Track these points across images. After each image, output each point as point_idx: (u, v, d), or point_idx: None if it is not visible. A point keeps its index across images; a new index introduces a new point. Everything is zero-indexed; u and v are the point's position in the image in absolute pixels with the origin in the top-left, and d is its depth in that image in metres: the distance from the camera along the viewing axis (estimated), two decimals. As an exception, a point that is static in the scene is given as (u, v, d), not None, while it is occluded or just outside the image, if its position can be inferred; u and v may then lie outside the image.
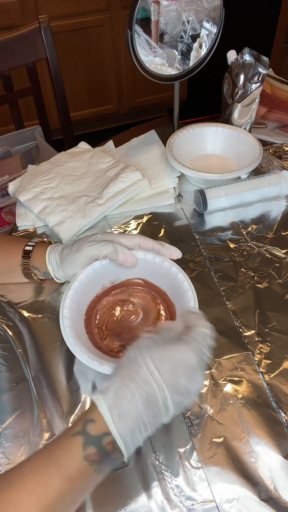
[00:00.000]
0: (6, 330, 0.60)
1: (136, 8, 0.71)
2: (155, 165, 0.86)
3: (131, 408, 0.35)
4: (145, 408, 0.35)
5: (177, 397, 0.37)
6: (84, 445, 0.35)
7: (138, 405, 0.35)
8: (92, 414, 0.36)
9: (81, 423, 0.36)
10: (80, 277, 0.55)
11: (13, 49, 1.06)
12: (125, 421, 0.35)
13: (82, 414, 0.37)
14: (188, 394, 0.38)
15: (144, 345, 0.39)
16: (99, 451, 0.35)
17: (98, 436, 0.35)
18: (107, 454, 0.35)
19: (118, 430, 0.35)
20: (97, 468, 0.35)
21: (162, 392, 0.36)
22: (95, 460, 0.35)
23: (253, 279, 0.65)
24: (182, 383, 0.37)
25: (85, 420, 0.36)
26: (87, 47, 1.95)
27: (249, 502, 0.44)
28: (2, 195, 1.02)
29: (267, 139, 0.95)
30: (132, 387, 0.36)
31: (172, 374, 0.36)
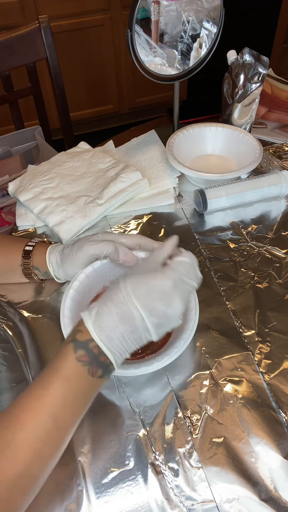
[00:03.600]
0: (6, 330, 0.60)
1: (136, 8, 0.71)
2: (155, 165, 0.86)
3: (108, 322, 0.41)
4: (120, 323, 0.41)
5: (154, 319, 0.42)
6: (75, 348, 0.41)
7: (115, 320, 0.41)
8: (80, 326, 0.42)
9: (72, 334, 0.43)
10: (80, 277, 0.55)
11: (13, 49, 1.06)
12: (104, 331, 0.41)
13: (73, 328, 0.44)
14: (167, 317, 0.43)
15: (127, 274, 0.44)
16: (87, 353, 0.41)
17: (85, 341, 0.41)
18: (95, 356, 0.41)
19: (98, 337, 0.41)
20: (90, 370, 0.41)
21: (137, 312, 0.41)
22: (86, 361, 0.41)
23: (253, 279, 0.65)
24: (158, 307, 0.42)
25: (74, 331, 0.43)
26: (87, 47, 1.95)
27: (249, 502, 0.44)
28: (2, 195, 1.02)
29: (267, 139, 0.95)
30: (110, 306, 0.42)
31: (147, 298, 0.42)
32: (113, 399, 0.52)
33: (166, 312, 0.42)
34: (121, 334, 0.41)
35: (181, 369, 0.54)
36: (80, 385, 0.41)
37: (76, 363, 0.41)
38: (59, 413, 0.40)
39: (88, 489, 0.45)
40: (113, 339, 0.41)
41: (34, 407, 0.39)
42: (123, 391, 0.53)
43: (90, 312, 0.43)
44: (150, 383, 0.53)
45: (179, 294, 0.43)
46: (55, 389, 0.40)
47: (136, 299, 0.41)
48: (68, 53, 1.91)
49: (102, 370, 0.42)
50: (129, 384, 0.53)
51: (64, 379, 0.40)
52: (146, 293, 0.42)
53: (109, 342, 0.41)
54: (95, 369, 0.41)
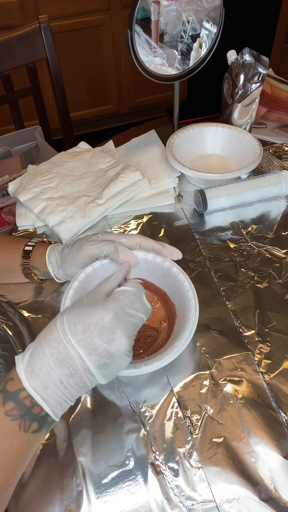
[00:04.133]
0: (6, 330, 0.60)
1: (136, 8, 0.71)
2: (155, 165, 0.86)
3: (42, 366, 0.37)
4: (56, 366, 0.37)
5: (94, 357, 0.38)
6: (4, 400, 0.37)
7: (50, 363, 0.37)
8: (12, 374, 0.38)
9: (3, 383, 0.38)
10: (80, 277, 0.55)
11: (13, 49, 1.06)
12: (37, 377, 0.37)
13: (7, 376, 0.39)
14: (110, 355, 0.38)
15: (66, 309, 0.40)
16: (18, 405, 0.37)
17: (15, 391, 0.37)
18: (26, 408, 0.37)
19: (30, 385, 0.37)
20: (22, 425, 0.37)
21: (75, 351, 0.37)
22: (16, 415, 0.36)
23: (253, 279, 0.65)
24: (97, 343, 0.38)
25: (5, 380, 0.38)
26: (87, 47, 1.95)
27: (249, 502, 0.44)
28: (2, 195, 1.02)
29: (267, 139, 0.95)
30: (44, 347, 0.38)
31: (85, 335, 0.37)
32: (113, 399, 0.52)
33: (108, 349, 0.38)
34: (58, 379, 0.37)
35: (181, 369, 0.54)
36: (11, 443, 0.36)
37: (5, 418, 0.36)
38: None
39: (88, 489, 0.45)
40: (48, 386, 0.37)
41: None
42: (123, 391, 0.53)
43: (24, 355, 0.38)
44: (150, 383, 0.53)
45: (122, 328, 0.39)
46: None
47: (72, 337, 0.37)
48: (68, 53, 1.91)
49: (38, 423, 0.37)
50: (129, 384, 0.53)
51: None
52: (83, 329, 0.38)
53: (44, 390, 0.37)
54: (27, 423, 0.37)
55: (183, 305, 0.54)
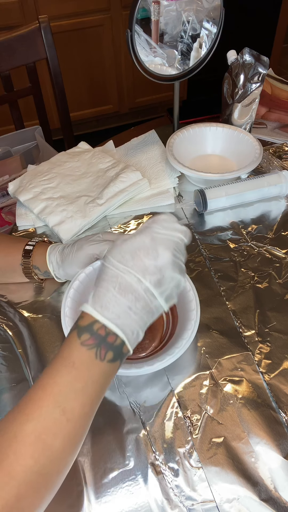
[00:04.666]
0: (6, 330, 0.60)
1: (136, 8, 0.71)
2: (155, 165, 0.86)
3: (109, 299, 0.39)
4: (121, 295, 0.39)
5: (149, 276, 0.40)
6: (78, 334, 0.39)
7: (115, 294, 0.39)
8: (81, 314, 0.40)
9: (74, 323, 0.40)
10: (81, 276, 0.55)
11: (13, 49, 1.06)
12: (107, 309, 0.39)
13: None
14: (160, 271, 0.40)
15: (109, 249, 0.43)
16: (92, 335, 0.38)
17: (88, 324, 0.39)
18: (101, 337, 0.38)
19: (103, 316, 0.39)
20: (98, 353, 0.38)
21: (132, 277, 0.39)
22: (92, 344, 0.38)
23: (253, 279, 0.65)
24: (147, 263, 0.40)
25: (76, 320, 0.40)
26: (87, 47, 1.95)
27: (249, 502, 0.44)
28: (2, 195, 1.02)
29: (267, 139, 0.95)
30: (104, 284, 0.40)
31: (134, 260, 0.40)
32: (113, 399, 0.52)
33: (156, 265, 0.40)
34: (127, 306, 0.39)
35: (181, 369, 0.54)
36: (88, 371, 0.38)
37: (81, 348, 0.38)
38: (67, 403, 0.37)
39: (88, 489, 0.45)
40: (119, 315, 0.39)
41: (40, 397, 0.37)
42: (123, 391, 0.53)
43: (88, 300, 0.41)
44: (150, 383, 0.53)
45: (162, 244, 0.41)
46: (61, 377, 0.38)
47: (124, 265, 0.40)
48: (68, 53, 1.91)
49: (113, 352, 0.39)
50: (129, 384, 0.53)
51: (71, 367, 0.38)
52: (131, 256, 0.40)
53: (117, 319, 0.39)
54: (103, 351, 0.38)
55: (184, 306, 0.54)
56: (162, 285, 0.41)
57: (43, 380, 0.38)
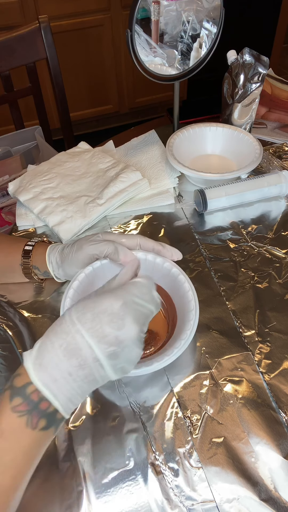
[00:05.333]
0: (6, 330, 0.60)
1: (136, 8, 0.71)
2: (155, 165, 0.86)
3: (50, 358, 0.36)
4: (65, 357, 0.36)
5: (104, 346, 0.36)
6: (10, 396, 0.36)
7: (59, 355, 0.36)
8: (20, 370, 0.37)
9: (10, 380, 0.37)
10: (80, 277, 0.55)
11: (13, 49, 1.06)
12: (45, 370, 0.36)
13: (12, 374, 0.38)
14: (120, 343, 0.37)
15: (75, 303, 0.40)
16: (25, 400, 0.35)
17: (23, 386, 0.36)
18: (34, 404, 0.35)
19: (38, 378, 0.35)
20: (29, 421, 0.35)
21: (83, 340, 0.36)
22: (23, 411, 0.35)
23: (253, 279, 0.65)
24: (107, 331, 0.36)
25: (13, 376, 0.37)
26: (87, 47, 1.95)
27: (249, 502, 0.44)
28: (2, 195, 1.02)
29: (267, 139, 0.95)
30: (53, 339, 0.37)
31: (94, 323, 0.37)
32: (113, 399, 0.52)
33: (118, 336, 0.37)
34: (67, 372, 0.36)
35: (181, 369, 0.54)
36: (18, 441, 0.35)
37: (12, 414, 0.35)
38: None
39: (88, 489, 0.45)
40: (56, 380, 0.36)
41: None
42: (123, 391, 0.53)
43: (32, 350, 0.37)
44: (150, 383, 0.53)
45: (132, 315, 0.38)
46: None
47: (81, 326, 0.36)
48: (68, 53, 1.91)
49: (46, 419, 0.36)
50: (129, 384, 0.53)
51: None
52: (93, 317, 0.37)
53: (52, 384, 0.35)
54: (35, 419, 0.35)
55: (183, 306, 0.54)
56: (117, 358, 0.37)
57: None
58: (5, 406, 0.35)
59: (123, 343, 0.37)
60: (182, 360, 0.54)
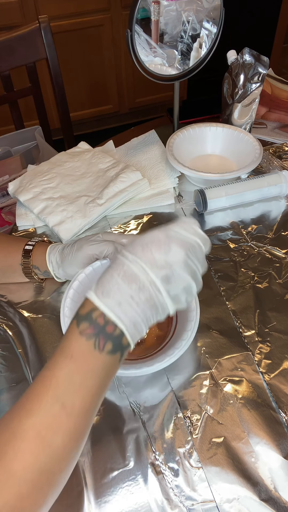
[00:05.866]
0: (6, 330, 0.60)
1: (136, 8, 0.71)
2: (155, 165, 0.86)
3: (112, 285, 0.38)
4: (125, 283, 0.38)
5: (156, 270, 0.38)
6: (77, 323, 0.38)
7: (118, 281, 0.38)
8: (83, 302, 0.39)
9: (76, 312, 0.39)
10: (80, 277, 0.55)
11: (13, 49, 1.06)
12: (108, 296, 0.37)
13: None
14: (170, 267, 0.39)
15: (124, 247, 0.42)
16: (91, 324, 0.37)
17: (88, 312, 0.37)
18: (100, 327, 0.37)
19: (103, 302, 0.37)
20: (96, 343, 0.37)
21: (138, 267, 0.38)
22: (91, 334, 0.37)
23: (253, 279, 0.65)
24: (157, 256, 0.39)
25: (78, 308, 0.39)
26: (87, 47, 1.95)
27: (249, 502, 0.44)
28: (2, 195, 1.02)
29: (267, 139, 0.95)
30: (110, 271, 0.39)
31: (144, 252, 0.39)
32: (113, 399, 0.52)
33: (166, 259, 0.39)
34: (129, 295, 0.37)
35: (181, 369, 0.54)
36: (87, 363, 0.37)
37: (80, 338, 0.37)
38: (66, 397, 0.35)
39: (88, 489, 0.45)
40: (120, 303, 0.37)
41: (39, 391, 0.36)
42: (123, 391, 0.53)
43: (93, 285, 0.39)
44: (150, 383, 0.53)
45: (176, 242, 0.40)
46: (59, 369, 0.36)
47: (133, 255, 0.39)
48: (68, 53, 1.91)
49: (112, 343, 0.37)
50: (129, 384, 0.53)
51: (69, 358, 0.36)
52: (141, 247, 0.39)
53: (116, 307, 0.37)
54: (102, 342, 0.37)
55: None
56: (169, 282, 0.39)
57: (43, 373, 0.37)
58: (73, 331, 0.37)
59: (172, 266, 0.39)
60: (182, 360, 0.54)
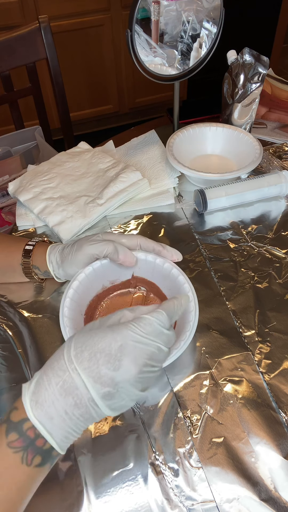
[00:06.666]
0: (6, 330, 0.60)
1: (136, 8, 0.71)
2: (155, 165, 0.86)
3: (47, 395, 0.35)
4: (61, 396, 0.35)
5: (99, 386, 0.36)
6: (7, 431, 0.35)
7: (55, 393, 0.35)
8: (17, 403, 0.37)
9: (7, 412, 0.37)
10: (80, 276, 0.55)
11: (13, 49, 1.06)
12: (41, 407, 0.35)
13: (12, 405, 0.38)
14: (115, 385, 0.36)
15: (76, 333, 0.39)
16: (21, 436, 0.35)
17: (19, 422, 0.35)
18: (30, 440, 0.35)
19: (34, 415, 0.35)
20: (24, 458, 0.35)
21: (79, 379, 0.36)
22: (19, 447, 0.35)
23: (253, 279, 0.65)
24: (103, 371, 0.36)
25: (10, 409, 0.37)
26: (87, 47, 1.95)
27: (249, 502, 0.44)
28: (2, 195, 1.02)
29: (267, 139, 0.95)
30: (50, 375, 0.36)
31: (91, 363, 0.36)
32: (113, 399, 0.52)
33: (113, 377, 0.36)
34: (63, 410, 0.35)
35: (181, 369, 0.54)
36: (12, 477, 0.35)
37: (7, 450, 0.35)
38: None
39: (88, 489, 0.45)
40: (53, 418, 0.35)
41: None
42: (123, 391, 0.53)
43: (30, 383, 0.37)
44: (150, 383, 0.53)
45: (131, 356, 0.36)
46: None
47: (78, 364, 0.36)
48: (68, 53, 1.91)
49: (41, 456, 0.35)
50: (129, 384, 0.53)
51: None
52: (90, 356, 0.36)
53: (48, 422, 0.35)
54: (30, 456, 0.35)
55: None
56: (112, 398, 0.37)
57: None
58: (1, 441, 0.35)
59: (118, 384, 0.36)
60: (182, 360, 0.54)
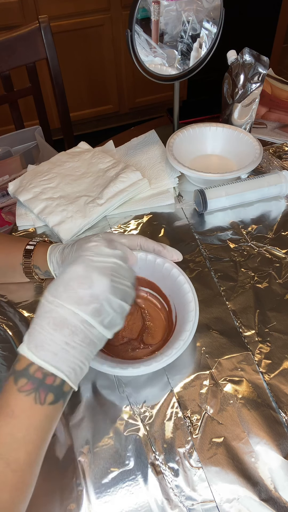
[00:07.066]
0: (6, 330, 0.60)
1: (136, 8, 0.71)
2: (155, 165, 0.86)
3: (44, 337, 0.37)
4: (56, 331, 0.37)
5: (85, 307, 0.38)
6: (15, 380, 0.37)
7: (49, 331, 0.37)
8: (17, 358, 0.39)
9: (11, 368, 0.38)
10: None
11: (13, 49, 1.06)
12: (42, 348, 0.37)
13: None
14: (97, 298, 0.39)
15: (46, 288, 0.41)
16: (30, 380, 0.37)
17: (25, 368, 0.37)
18: (38, 381, 0.37)
19: (38, 356, 0.37)
20: (37, 398, 0.37)
21: (66, 310, 0.38)
22: (30, 389, 0.37)
23: (253, 279, 0.65)
24: (81, 293, 0.38)
25: (13, 364, 0.39)
26: (87, 47, 1.95)
27: (249, 502, 0.44)
28: (2, 195, 1.02)
29: (267, 139, 0.95)
30: (38, 321, 0.38)
31: (68, 292, 0.38)
32: (113, 399, 0.52)
33: (92, 293, 0.39)
34: (64, 342, 0.37)
35: (181, 369, 0.54)
36: (28, 418, 0.37)
37: (19, 395, 0.37)
38: (10, 454, 0.35)
39: (88, 489, 0.45)
40: (56, 353, 0.37)
41: None
42: (123, 391, 0.53)
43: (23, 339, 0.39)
44: (150, 383, 0.53)
45: (97, 270, 0.40)
46: (1, 427, 0.36)
47: (58, 299, 0.38)
48: (68, 53, 1.91)
49: (54, 393, 0.37)
50: (129, 384, 0.53)
51: (9, 416, 0.36)
52: (64, 288, 0.39)
53: (53, 358, 0.37)
54: (43, 395, 0.37)
55: (183, 307, 0.54)
56: (101, 313, 0.39)
57: None
58: (12, 389, 0.37)
59: (99, 297, 0.39)
60: (182, 360, 0.54)
